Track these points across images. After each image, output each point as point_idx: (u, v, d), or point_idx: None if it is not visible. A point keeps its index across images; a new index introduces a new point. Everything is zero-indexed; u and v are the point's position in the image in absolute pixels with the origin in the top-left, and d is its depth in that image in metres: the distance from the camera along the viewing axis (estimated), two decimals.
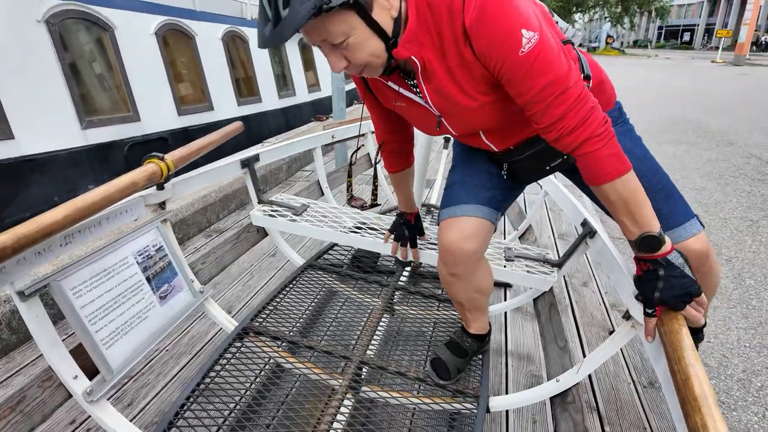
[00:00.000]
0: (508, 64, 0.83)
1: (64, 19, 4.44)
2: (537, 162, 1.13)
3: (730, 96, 12.20)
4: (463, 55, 0.88)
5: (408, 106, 1.08)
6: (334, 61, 0.87)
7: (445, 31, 0.86)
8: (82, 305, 1.13)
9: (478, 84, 0.92)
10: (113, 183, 1.20)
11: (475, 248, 1.18)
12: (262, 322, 1.60)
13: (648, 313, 0.92)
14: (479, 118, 1.00)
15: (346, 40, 0.83)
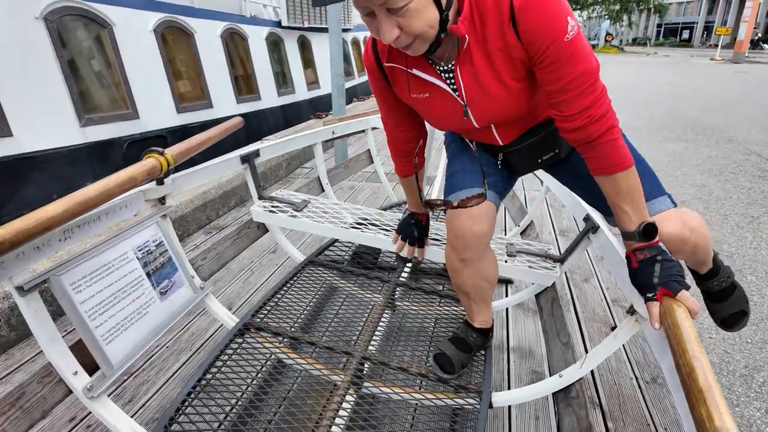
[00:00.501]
0: (554, 47, 0.86)
1: (63, 15, 4.42)
2: (530, 154, 1.18)
3: (729, 93, 12.20)
4: (506, 38, 0.90)
5: (431, 96, 1.07)
6: (387, 29, 0.85)
7: (490, 13, 0.88)
8: (81, 300, 1.12)
9: (515, 69, 0.94)
10: (112, 177, 1.18)
11: (485, 230, 1.18)
12: (263, 318, 1.59)
13: (649, 297, 0.92)
14: (505, 106, 1.02)
15: (407, 5, 0.82)
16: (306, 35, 9.37)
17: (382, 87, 1.17)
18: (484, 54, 0.94)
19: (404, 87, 1.10)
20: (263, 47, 7.83)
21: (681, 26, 56.26)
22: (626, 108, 9.94)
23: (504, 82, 0.97)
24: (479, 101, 1.03)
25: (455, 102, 1.05)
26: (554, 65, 0.88)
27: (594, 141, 0.94)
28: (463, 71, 0.99)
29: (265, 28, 7.99)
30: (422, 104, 1.11)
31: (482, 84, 0.99)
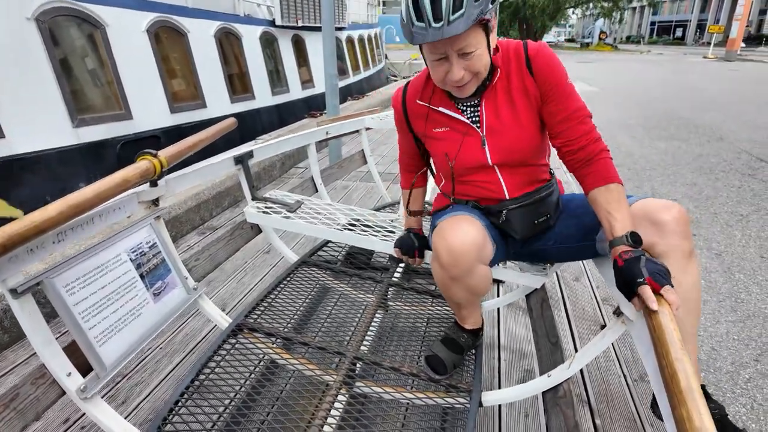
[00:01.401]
0: (560, 86, 1.16)
1: (55, 16, 4.40)
2: (530, 214, 1.29)
3: (721, 92, 12.30)
4: (524, 80, 1.18)
5: (451, 130, 1.27)
6: (457, 69, 1.10)
7: (513, 63, 1.19)
8: (75, 302, 1.13)
9: (530, 107, 1.20)
10: (106, 180, 1.20)
11: (469, 246, 1.15)
12: (256, 319, 1.61)
13: (640, 282, 0.94)
14: (519, 139, 1.22)
15: (474, 52, 1.08)
16: (300, 34, 9.35)
17: (402, 126, 1.40)
18: (507, 92, 1.20)
19: (423, 121, 1.31)
20: (257, 46, 7.82)
21: (674, 24, 56.56)
22: (620, 106, 10.01)
23: (519, 118, 1.20)
24: (497, 133, 1.22)
25: (475, 134, 1.24)
26: (560, 99, 1.16)
27: (594, 158, 1.15)
28: (488, 104, 1.22)
29: (259, 27, 7.97)
30: (440, 137, 1.29)
31: (501, 117, 1.21)
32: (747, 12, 24.19)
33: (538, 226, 1.30)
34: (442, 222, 1.22)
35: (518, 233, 1.30)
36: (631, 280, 0.96)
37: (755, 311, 2.63)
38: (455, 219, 1.21)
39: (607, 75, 17.68)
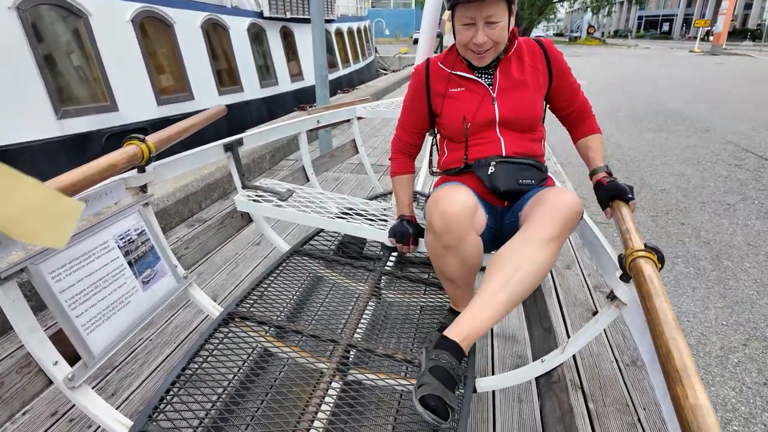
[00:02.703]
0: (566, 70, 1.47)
1: (36, 5, 4.30)
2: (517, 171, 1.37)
3: (707, 84, 12.44)
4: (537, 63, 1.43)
5: (467, 89, 1.42)
6: (482, 35, 1.29)
7: (525, 48, 1.44)
8: (61, 290, 1.10)
9: (537, 77, 1.42)
10: (93, 164, 1.17)
11: (462, 210, 1.19)
12: (248, 308, 1.59)
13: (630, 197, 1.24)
14: (523, 103, 1.39)
15: (498, 22, 1.28)
16: (288, 26, 9.25)
17: (419, 88, 1.50)
18: (519, 64, 1.42)
19: (444, 82, 1.45)
20: (245, 38, 7.72)
21: (661, 18, 57.03)
22: (609, 99, 10.07)
23: (526, 85, 1.40)
24: (506, 92, 1.39)
25: (487, 93, 1.40)
26: (566, 77, 1.46)
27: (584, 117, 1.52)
28: (501, 70, 1.41)
29: (247, 18, 7.87)
30: (456, 96, 1.44)
31: (512, 80, 1.40)
32: (732, 6, 24.44)
33: (520, 186, 1.36)
34: (435, 192, 1.28)
35: (501, 185, 1.35)
36: (621, 193, 1.24)
37: (743, 297, 2.67)
38: (448, 188, 1.26)
39: (596, 68, 17.79)
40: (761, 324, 2.43)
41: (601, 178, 1.35)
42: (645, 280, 0.98)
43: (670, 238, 3.45)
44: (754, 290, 2.74)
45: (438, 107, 1.47)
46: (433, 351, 1.12)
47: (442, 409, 1.03)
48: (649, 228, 3.61)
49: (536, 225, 1.16)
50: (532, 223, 1.17)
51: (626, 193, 1.24)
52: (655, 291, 0.93)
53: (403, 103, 1.59)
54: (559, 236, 1.15)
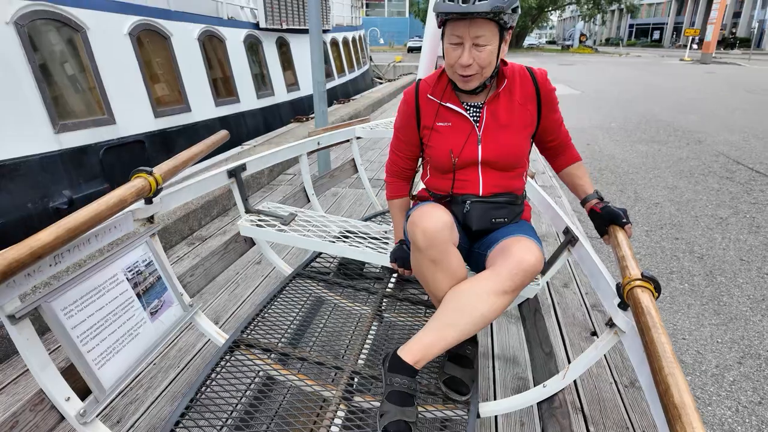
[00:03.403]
0: (555, 105, 1.46)
1: (34, 20, 4.30)
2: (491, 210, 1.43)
3: (698, 94, 12.61)
4: (527, 101, 1.41)
5: (453, 125, 1.42)
6: (467, 56, 1.26)
7: (517, 82, 1.40)
8: (73, 326, 1.12)
9: (524, 120, 1.41)
10: (102, 200, 1.18)
11: (441, 226, 1.25)
12: (252, 334, 1.60)
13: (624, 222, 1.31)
14: (508, 144, 1.39)
15: (486, 45, 1.25)
16: (284, 37, 9.30)
17: (409, 119, 1.49)
18: (508, 102, 1.39)
19: (432, 115, 1.45)
20: (241, 49, 7.76)
21: (651, 27, 57.75)
22: (602, 109, 10.18)
23: (514, 126, 1.39)
24: (492, 133, 1.39)
25: (473, 131, 1.40)
26: (554, 114, 1.46)
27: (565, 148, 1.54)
28: (489, 108, 1.39)
29: (243, 30, 7.91)
30: (441, 131, 1.43)
31: (499, 121, 1.39)
32: (721, 16, 24.83)
33: (494, 225, 1.43)
34: (414, 213, 1.32)
35: (474, 224, 1.42)
36: (616, 219, 1.31)
37: (737, 314, 2.71)
38: (425, 207, 1.32)
39: (589, 77, 17.98)
40: (755, 341, 2.47)
41: (594, 205, 1.41)
42: (643, 311, 1.01)
43: (665, 253, 3.49)
44: (748, 306, 2.79)
45: (426, 138, 1.48)
46: (387, 375, 1.28)
47: (404, 428, 1.20)
48: (643, 243, 3.66)
49: (497, 277, 1.23)
50: (494, 273, 1.24)
51: (621, 217, 1.30)
52: (653, 323, 0.96)
53: (394, 128, 1.59)
54: (514, 291, 1.25)
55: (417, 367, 1.26)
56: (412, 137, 1.52)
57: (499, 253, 1.29)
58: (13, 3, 4.10)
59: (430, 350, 1.26)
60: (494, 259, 1.29)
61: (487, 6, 1.18)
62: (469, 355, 1.46)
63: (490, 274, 1.25)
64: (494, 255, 1.31)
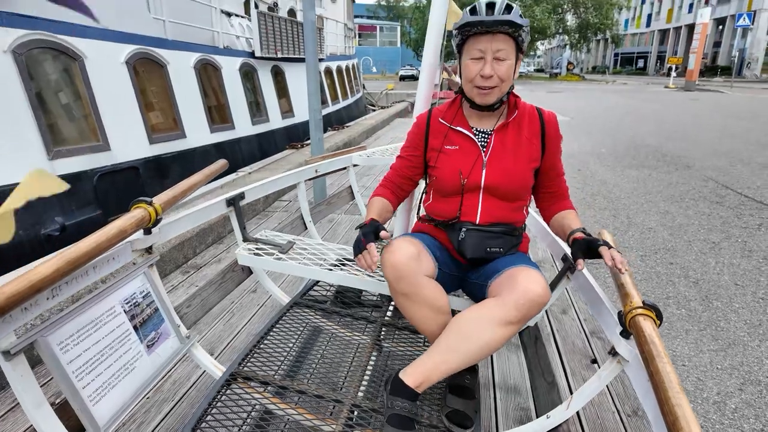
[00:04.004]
0: (559, 150, 1.49)
1: (32, 49, 4.35)
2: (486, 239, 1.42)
3: (684, 120, 12.90)
4: (533, 138, 1.44)
5: (461, 149, 1.45)
6: (489, 67, 1.31)
7: (526, 118, 1.45)
8: (69, 360, 1.09)
9: (530, 153, 1.44)
10: (102, 231, 1.17)
11: (408, 256, 1.28)
12: (249, 366, 1.57)
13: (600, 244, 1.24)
14: (511, 173, 1.40)
15: (506, 60, 1.32)
16: (279, 65, 9.46)
17: (418, 141, 1.54)
18: (516, 134, 1.43)
19: (441, 137, 1.48)
20: (237, 77, 7.86)
21: (636, 55, 59.49)
22: (591, 135, 10.37)
23: (518, 157, 1.42)
24: (497, 160, 1.41)
25: (479, 157, 1.42)
26: (556, 158, 1.49)
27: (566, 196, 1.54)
28: (498, 136, 1.43)
29: (239, 58, 8.04)
30: (449, 153, 1.46)
31: (506, 149, 1.42)
32: (702, 45, 25.65)
33: (488, 254, 1.42)
34: (383, 249, 1.34)
35: (468, 253, 1.42)
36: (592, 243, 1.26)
37: (735, 339, 2.71)
38: (392, 242, 1.34)
39: (577, 104, 18.37)
40: (755, 367, 2.46)
41: (577, 236, 1.35)
42: (646, 340, 1.01)
43: (660, 278, 3.51)
44: (745, 332, 2.79)
45: (432, 160, 1.51)
46: (389, 398, 1.28)
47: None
48: (639, 268, 3.68)
49: (502, 306, 1.21)
50: (500, 302, 1.23)
51: (597, 241, 1.25)
52: (657, 352, 0.96)
53: (401, 149, 1.62)
54: (520, 321, 1.23)
55: (418, 390, 1.26)
56: (416, 158, 1.56)
57: (505, 282, 1.28)
58: (11, 32, 4.14)
59: (432, 374, 1.25)
60: (499, 288, 1.28)
61: (512, 17, 1.26)
62: (470, 385, 1.44)
63: (495, 303, 1.24)
64: (498, 284, 1.30)
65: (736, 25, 29.30)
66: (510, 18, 1.26)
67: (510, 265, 1.34)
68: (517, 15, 1.28)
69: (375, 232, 1.36)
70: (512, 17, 1.26)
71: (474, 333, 1.23)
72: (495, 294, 1.28)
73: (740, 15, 28.10)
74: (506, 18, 1.26)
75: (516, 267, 1.32)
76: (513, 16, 1.26)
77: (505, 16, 1.26)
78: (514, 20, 1.26)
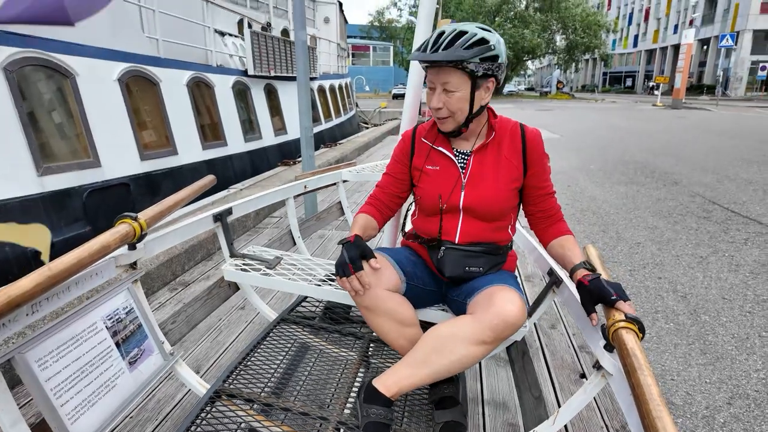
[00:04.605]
0: (544, 167, 1.45)
1: (23, 66, 4.36)
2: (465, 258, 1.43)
3: (671, 137, 13.12)
4: (513, 156, 1.42)
5: (441, 169, 1.45)
6: (436, 100, 1.33)
7: (507, 137, 1.43)
8: (47, 378, 1.07)
9: (510, 173, 1.42)
10: (85, 247, 1.17)
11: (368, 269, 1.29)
12: (234, 383, 1.55)
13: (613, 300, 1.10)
14: (489, 195, 1.40)
15: (454, 92, 1.30)
16: (272, 83, 9.55)
17: (405, 153, 1.55)
18: (496, 155, 1.42)
19: (423, 157, 1.49)
20: (230, 95, 7.92)
21: (624, 74, 60.77)
22: (581, 152, 10.51)
23: (498, 179, 1.41)
24: (476, 181, 1.41)
25: (458, 178, 1.42)
26: (542, 177, 1.44)
27: (554, 221, 1.47)
28: (477, 158, 1.43)
29: (232, 76, 8.11)
30: (430, 174, 1.47)
31: (484, 171, 1.41)
32: (687, 65, 26.25)
33: (467, 273, 1.43)
34: None
35: (447, 271, 1.43)
36: (604, 297, 1.12)
37: (723, 353, 2.72)
38: None
39: (567, 122, 18.64)
40: (743, 381, 2.47)
41: (582, 276, 1.22)
42: (628, 353, 1.01)
43: (649, 292, 3.53)
44: (733, 345, 2.80)
45: (415, 179, 1.53)
46: (363, 407, 1.27)
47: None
48: (628, 283, 3.70)
49: (476, 325, 1.22)
50: (474, 320, 1.23)
51: (610, 295, 1.11)
52: (639, 365, 0.96)
53: (387, 166, 1.63)
54: (493, 342, 1.23)
55: (392, 398, 1.26)
56: (402, 175, 1.56)
57: (482, 301, 1.28)
58: (3, 50, 4.16)
59: (404, 384, 1.26)
60: (476, 306, 1.29)
61: (441, 56, 1.25)
62: (451, 394, 1.44)
63: (470, 321, 1.25)
64: (476, 303, 1.31)
65: (720, 45, 30.09)
66: (441, 57, 1.25)
67: (490, 284, 1.35)
68: (463, 48, 1.25)
69: (362, 255, 1.29)
70: (452, 54, 1.24)
71: (446, 348, 1.23)
72: (473, 312, 1.28)
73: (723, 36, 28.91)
74: (437, 57, 1.25)
75: (495, 286, 1.32)
76: (454, 52, 1.24)
77: (437, 55, 1.25)
78: (452, 58, 1.24)
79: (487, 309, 1.23)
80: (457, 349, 1.22)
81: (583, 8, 42.34)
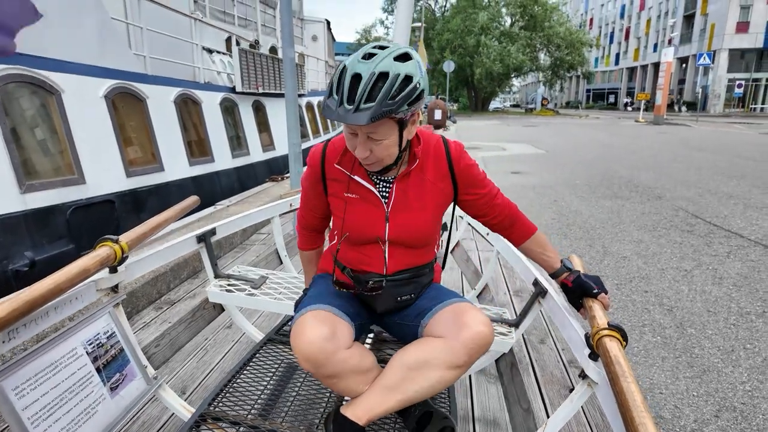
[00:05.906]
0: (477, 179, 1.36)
1: (8, 83, 4.32)
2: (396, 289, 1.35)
3: (654, 152, 13.39)
4: (439, 178, 1.33)
5: (360, 199, 1.32)
6: (362, 149, 1.16)
7: (431, 158, 1.32)
8: (24, 406, 1.04)
9: (435, 197, 1.33)
10: (64, 271, 1.14)
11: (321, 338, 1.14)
12: (220, 406, 1.52)
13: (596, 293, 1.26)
14: (417, 222, 1.31)
15: (382, 141, 1.14)
16: (260, 100, 9.58)
17: (316, 181, 1.38)
18: (420, 181, 1.31)
19: (342, 187, 1.34)
20: (217, 112, 7.92)
21: (607, 91, 62.15)
22: (566, 167, 10.66)
23: (424, 205, 1.32)
24: (400, 213, 1.31)
25: (381, 208, 1.31)
26: (478, 188, 1.37)
27: (512, 219, 1.41)
28: (399, 186, 1.30)
29: (219, 93, 8.11)
30: (352, 203, 1.33)
31: (408, 200, 1.31)
32: (667, 82, 26.94)
33: (399, 303, 1.38)
34: (293, 327, 1.21)
35: (379, 307, 1.37)
36: (587, 291, 1.27)
37: (710, 366, 2.74)
38: (298, 323, 1.20)
39: (552, 137, 18.94)
40: (729, 393, 2.48)
41: (564, 278, 1.34)
42: (612, 361, 1.02)
43: (636, 306, 3.55)
44: (719, 358, 2.82)
45: (333, 207, 1.39)
46: None
47: None
48: (615, 296, 3.72)
49: (450, 350, 1.17)
50: (447, 345, 1.18)
51: (592, 288, 1.27)
52: (622, 372, 0.97)
53: (300, 200, 1.51)
54: (468, 364, 1.20)
55: (363, 425, 1.19)
56: (319, 203, 1.44)
57: (448, 323, 1.23)
58: None
59: (375, 411, 1.20)
60: (440, 328, 1.23)
61: (365, 118, 1.04)
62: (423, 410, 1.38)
63: (443, 346, 1.19)
64: (438, 324, 1.25)
65: (698, 64, 30.95)
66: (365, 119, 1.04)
67: (441, 302, 1.31)
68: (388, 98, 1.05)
69: None
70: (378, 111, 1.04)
71: (419, 374, 1.19)
72: (435, 334, 1.23)
73: (701, 54, 29.75)
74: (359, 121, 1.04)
75: (454, 304, 1.28)
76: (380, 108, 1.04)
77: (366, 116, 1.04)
78: (373, 116, 1.04)
79: (459, 332, 1.18)
80: (431, 374, 1.18)
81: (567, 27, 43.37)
